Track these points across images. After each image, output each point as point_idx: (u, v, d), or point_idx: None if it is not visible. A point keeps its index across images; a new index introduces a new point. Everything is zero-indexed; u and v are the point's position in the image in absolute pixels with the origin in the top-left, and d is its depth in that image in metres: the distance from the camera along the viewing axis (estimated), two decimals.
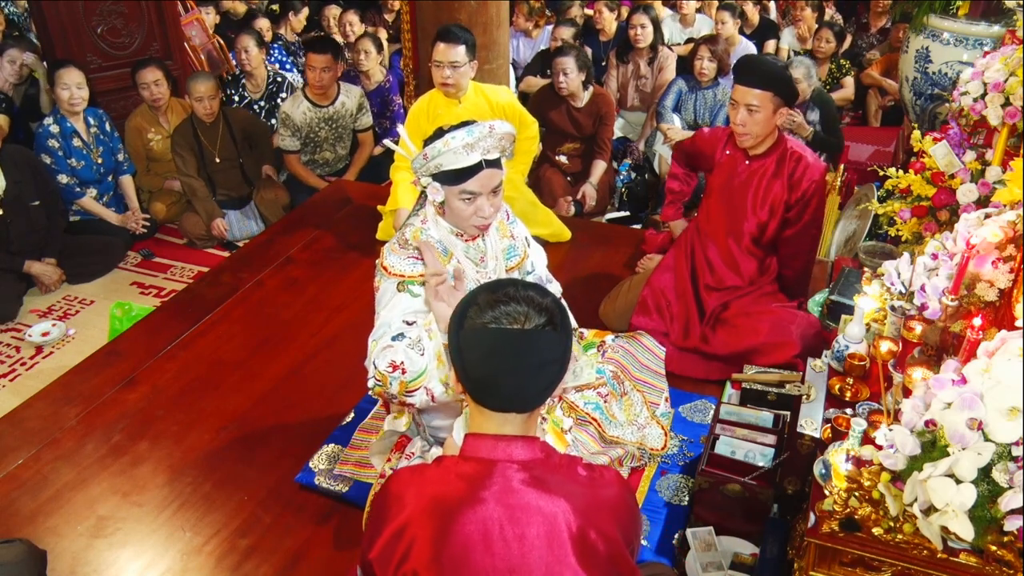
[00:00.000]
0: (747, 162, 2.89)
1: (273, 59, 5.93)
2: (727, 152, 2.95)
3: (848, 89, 5.71)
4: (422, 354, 1.99)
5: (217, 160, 4.64)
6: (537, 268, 2.48)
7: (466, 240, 2.21)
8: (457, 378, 1.45)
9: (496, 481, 1.38)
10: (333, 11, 6.65)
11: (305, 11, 7.10)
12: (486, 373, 1.40)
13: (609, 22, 6.24)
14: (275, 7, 7.21)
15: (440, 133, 2.06)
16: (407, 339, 2.01)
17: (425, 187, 2.12)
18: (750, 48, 5.96)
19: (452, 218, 2.14)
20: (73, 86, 4.32)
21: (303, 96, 4.77)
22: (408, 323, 2.05)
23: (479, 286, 1.48)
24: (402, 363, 1.97)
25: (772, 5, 7.06)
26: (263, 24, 6.24)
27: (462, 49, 3.42)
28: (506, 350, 1.39)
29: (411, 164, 2.12)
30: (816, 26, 6.12)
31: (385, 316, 2.10)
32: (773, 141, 2.85)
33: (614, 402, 2.47)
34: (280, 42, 6.44)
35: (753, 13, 6.45)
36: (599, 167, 4.66)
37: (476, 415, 1.45)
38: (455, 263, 2.18)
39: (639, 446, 2.46)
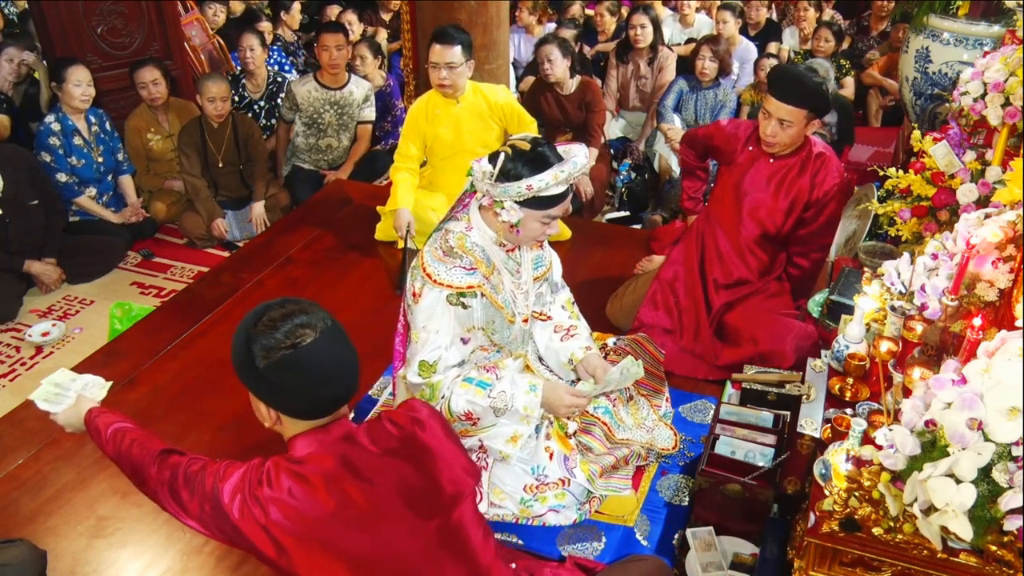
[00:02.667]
0: (771, 160, 2.90)
1: (272, 61, 5.93)
2: (749, 148, 2.94)
3: (848, 89, 5.70)
4: (496, 415, 2.16)
5: (220, 164, 4.64)
6: (554, 275, 2.50)
7: (507, 251, 2.23)
8: (280, 412, 1.53)
9: (333, 465, 1.51)
10: (334, 10, 6.65)
11: (296, 6, 7.10)
12: (318, 391, 1.49)
13: (609, 24, 6.24)
14: (267, 11, 7.20)
15: (524, 158, 2.03)
16: (490, 396, 2.14)
17: (498, 211, 2.09)
18: (751, 49, 5.95)
19: (524, 235, 2.15)
20: (84, 82, 4.34)
21: (312, 77, 4.88)
22: (486, 369, 2.21)
23: (242, 323, 1.53)
24: (478, 419, 2.15)
25: (772, 5, 7.05)
26: (265, 27, 6.23)
27: (458, 50, 3.42)
28: (324, 361, 1.47)
29: (492, 189, 2.07)
30: (815, 26, 6.11)
31: (437, 335, 2.13)
32: (798, 144, 2.86)
33: (621, 407, 2.47)
34: (279, 43, 6.44)
35: (761, 14, 6.43)
36: (590, 154, 4.66)
37: (294, 424, 1.56)
38: (495, 277, 2.20)
39: (648, 447, 2.46)
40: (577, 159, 2.06)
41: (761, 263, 3.00)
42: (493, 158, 2.07)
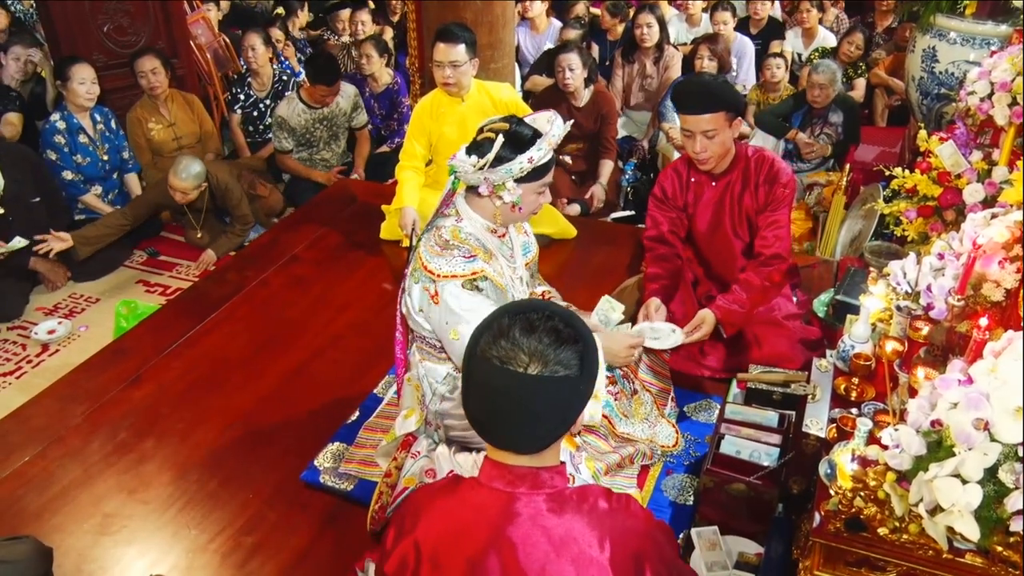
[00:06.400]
0: (713, 183, 2.83)
1: (286, 65, 5.94)
2: (692, 180, 2.86)
3: (858, 91, 5.69)
4: None
5: (199, 234, 4.51)
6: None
7: (499, 237, 2.25)
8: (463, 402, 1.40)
9: (513, 515, 1.33)
10: (345, 14, 6.64)
11: (305, 8, 7.12)
12: (482, 410, 1.35)
13: (612, 27, 6.22)
14: (280, 10, 7.21)
15: (511, 137, 2.07)
16: None
17: (501, 194, 2.12)
18: (747, 43, 5.95)
19: (525, 211, 2.20)
20: (88, 80, 4.35)
21: (297, 98, 4.81)
22: None
23: (504, 306, 1.38)
24: None
25: (777, 4, 7.03)
26: (278, 35, 6.21)
27: (462, 48, 3.42)
28: (503, 392, 1.29)
29: (491, 175, 2.09)
30: (847, 29, 6.08)
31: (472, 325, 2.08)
32: (733, 154, 2.77)
33: (624, 400, 2.48)
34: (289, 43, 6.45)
35: (765, 8, 6.40)
36: (606, 167, 4.64)
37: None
38: (494, 262, 2.20)
39: (650, 443, 2.45)
40: (555, 121, 2.16)
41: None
42: (475, 149, 2.11)
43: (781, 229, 2.78)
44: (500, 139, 2.07)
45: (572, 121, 2.27)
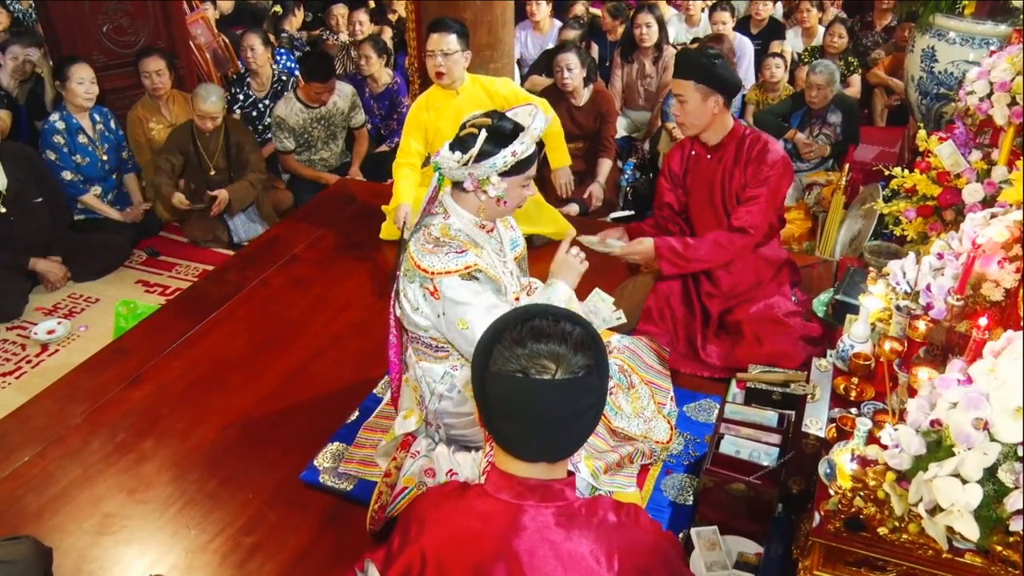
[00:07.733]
0: (708, 156, 2.90)
1: (282, 64, 5.94)
2: (692, 153, 2.95)
3: (854, 88, 5.69)
4: None
5: (212, 172, 4.57)
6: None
7: (488, 232, 2.26)
8: (480, 420, 1.36)
9: (520, 528, 1.31)
10: (340, 10, 6.66)
11: (301, 8, 7.12)
12: (512, 424, 1.30)
13: (614, 28, 6.22)
14: (277, 8, 7.22)
15: (494, 132, 2.09)
16: None
17: (485, 189, 2.13)
18: (745, 43, 5.95)
19: (510, 204, 2.21)
20: (87, 80, 4.35)
21: (295, 98, 4.82)
22: None
23: (504, 318, 1.34)
24: None
25: (779, 5, 7.03)
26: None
27: (453, 37, 3.42)
28: (535, 403, 1.26)
29: (475, 170, 2.10)
30: (829, 22, 6.09)
31: (482, 307, 2.09)
32: (727, 130, 2.84)
33: (620, 394, 2.48)
34: (285, 45, 6.44)
35: (768, 9, 6.40)
36: (605, 165, 4.65)
37: (501, 453, 1.37)
38: (485, 255, 2.20)
39: (644, 438, 2.45)
40: (536, 115, 2.18)
41: (746, 264, 2.93)
42: (459, 145, 2.11)
43: (755, 205, 2.82)
44: (483, 134, 2.08)
45: (552, 116, 2.28)
